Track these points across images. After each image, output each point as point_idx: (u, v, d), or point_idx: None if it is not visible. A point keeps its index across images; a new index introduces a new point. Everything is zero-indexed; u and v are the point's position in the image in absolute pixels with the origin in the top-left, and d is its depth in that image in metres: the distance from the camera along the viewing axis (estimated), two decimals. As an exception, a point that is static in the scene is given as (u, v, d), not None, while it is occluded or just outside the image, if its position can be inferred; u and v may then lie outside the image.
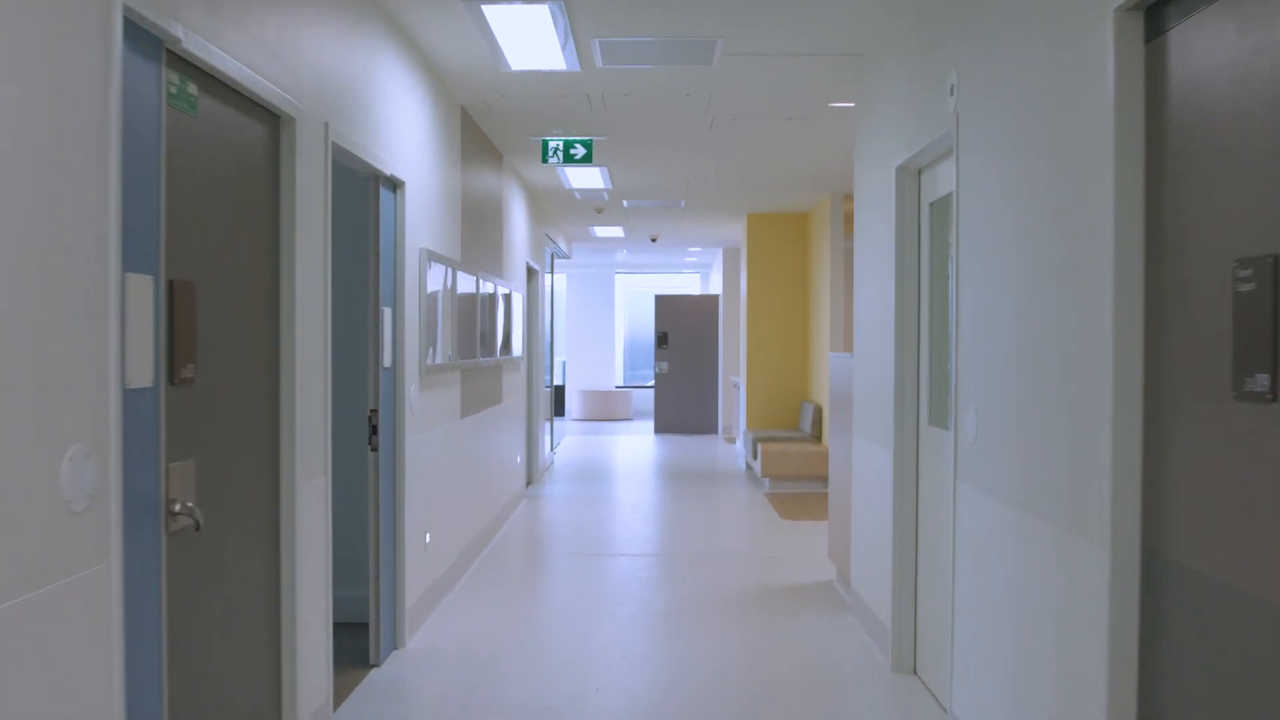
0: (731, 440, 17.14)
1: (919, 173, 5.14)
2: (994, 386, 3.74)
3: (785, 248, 13.34)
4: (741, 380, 14.11)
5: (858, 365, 6.15)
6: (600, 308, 22.41)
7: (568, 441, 17.14)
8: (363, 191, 5.34)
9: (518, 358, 10.15)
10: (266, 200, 3.76)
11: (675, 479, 12.61)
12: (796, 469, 11.52)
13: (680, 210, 13.06)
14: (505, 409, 9.49)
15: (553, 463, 14.11)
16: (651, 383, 22.51)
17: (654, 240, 16.11)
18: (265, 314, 3.75)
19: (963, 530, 4.09)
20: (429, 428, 6.22)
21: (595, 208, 12.85)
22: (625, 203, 12.22)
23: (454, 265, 6.85)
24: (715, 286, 20.35)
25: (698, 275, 22.90)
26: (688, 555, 8.20)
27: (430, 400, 6.24)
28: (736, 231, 15.32)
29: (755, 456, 12.02)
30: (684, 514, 10.21)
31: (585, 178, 10.41)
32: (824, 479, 11.56)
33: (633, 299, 23.43)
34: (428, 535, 6.19)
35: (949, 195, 4.65)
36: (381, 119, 5.24)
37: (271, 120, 3.80)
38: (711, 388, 18.54)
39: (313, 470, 4.11)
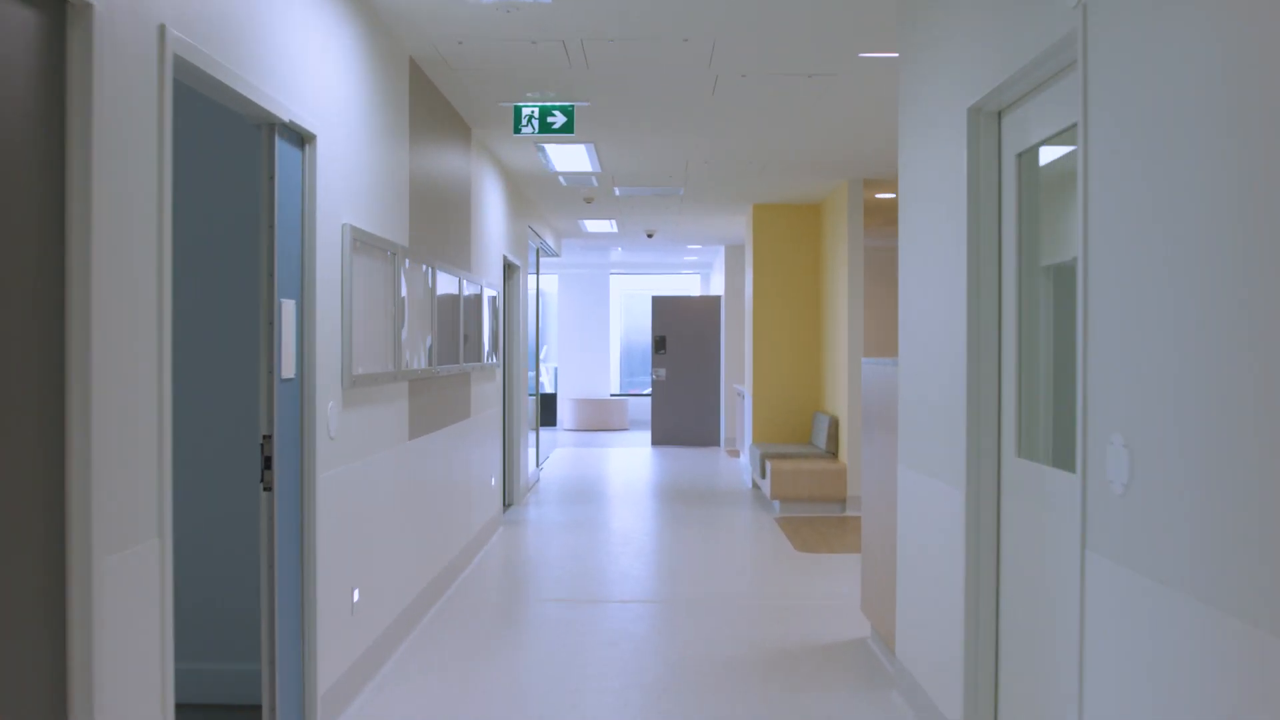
0: (735, 454, 15.81)
1: (999, 115, 3.82)
2: (1162, 412, 2.41)
3: (795, 242, 12.02)
4: (747, 389, 12.78)
5: (906, 376, 4.81)
6: (594, 311, 21.09)
7: (558, 455, 15.80)
8: (254, 143, 4.01)
9: (491, 365, 8.83)
10: (38, 131, 2.44)
11: (674, 499, 11.28)
12: (810, 490, 10.20)
13: (678, 201, 11.74)
14: (475, 424, 8.16)
15: (538, 480, 12.78)
16: (648, 391, 21.20)
17: (650, 236, 14.79)
18: (36, 306, 2.43)
19: (1100, 623, 2.76)
20: (359, 455, 4.90)
21: (584, 197, 11.53)
22: (617, 190, 10.90)
23: (398, 252, 5.52)
24: (716, 288, 19.03)
25: (697, 276, 21.59)
26: (689, 601, 6.87)
27: (360, 421, 4.91)
28: (740, 225, 14.01)
29: (763, 475, 10.70)
30: (684, 544, 8.88)
31: (570, 158, 9.09)
32: (841, 501, 10.24)
33: (629, 302, 22.12)
34: (356, 592, 4.86)
35: (1061, 135, 3.33)
36: (282, 49, 3.92)
37: (51, 5, 2.48)
38: (713, 396, 17.22)
39: (130, 535, 2.78)
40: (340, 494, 4.59)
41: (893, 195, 10.95)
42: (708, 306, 17.31)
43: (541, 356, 22.09)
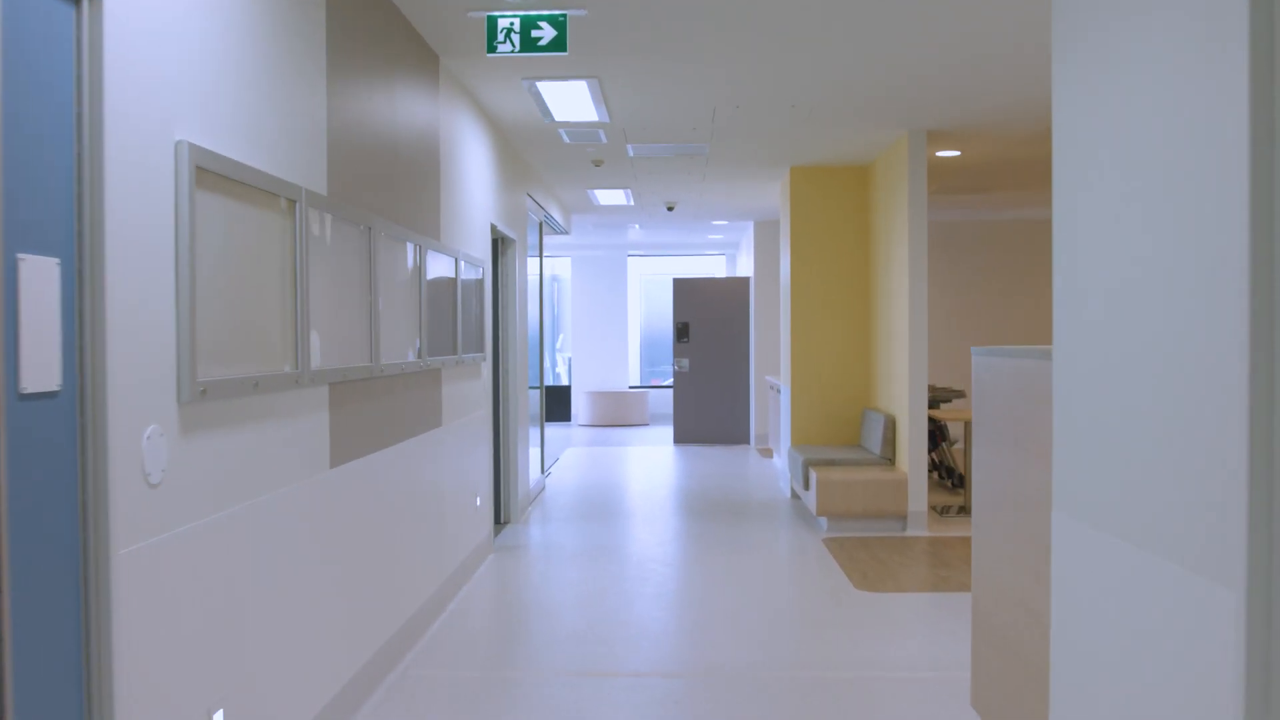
0: (768, 453, 14.08)
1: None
2: None
3: (839, 212, 10.27)
4: (783, 383, 11.04)
5: (1072, 376, 3.05)
6: (610, 296, 19.38)
7: (569, 457, 14.11)
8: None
9: (474, 359, 7.13)
10: None
11: (701, 513, 9.57)
12: (864, 505, 8.47)
13: (703, 164, 10.00)
14: (451, 433, 6.47)
15: (543, 490, 11.08)
16: (669, 382, 19.49)
17: (670, 209, 13.05)
18: None
19: None
20: (219, 505, 3.20)
21: (592, 159, 9.80)
22: (630, 149, 9.18)
23: (302, 200, 3.81)
24: (743, 272, 17.28)
25: (722, 258, 19.83)
26: (727, 676, 5.16)
27: (221, 451, 3.21)
28: (773, 195, 12.25)
29: (806, 485, 8.98)
30: (716, 580, 7.16)
31: (570, 102, 7.37)
32: (902, 518, 8.51)
33: (649, 287, 20.39)
34: (218, 716, 3.17)
35: None
36: None
37: None
38: (741, 389, 15.49)
39: None
40: (175, 574, 2.91)
41: (956, 153, 9.19)
42: (735, 289, 15.58)
43: (558, 346, 20.50)
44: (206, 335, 3.07)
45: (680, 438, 15.52)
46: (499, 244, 8.99)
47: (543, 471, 11.31)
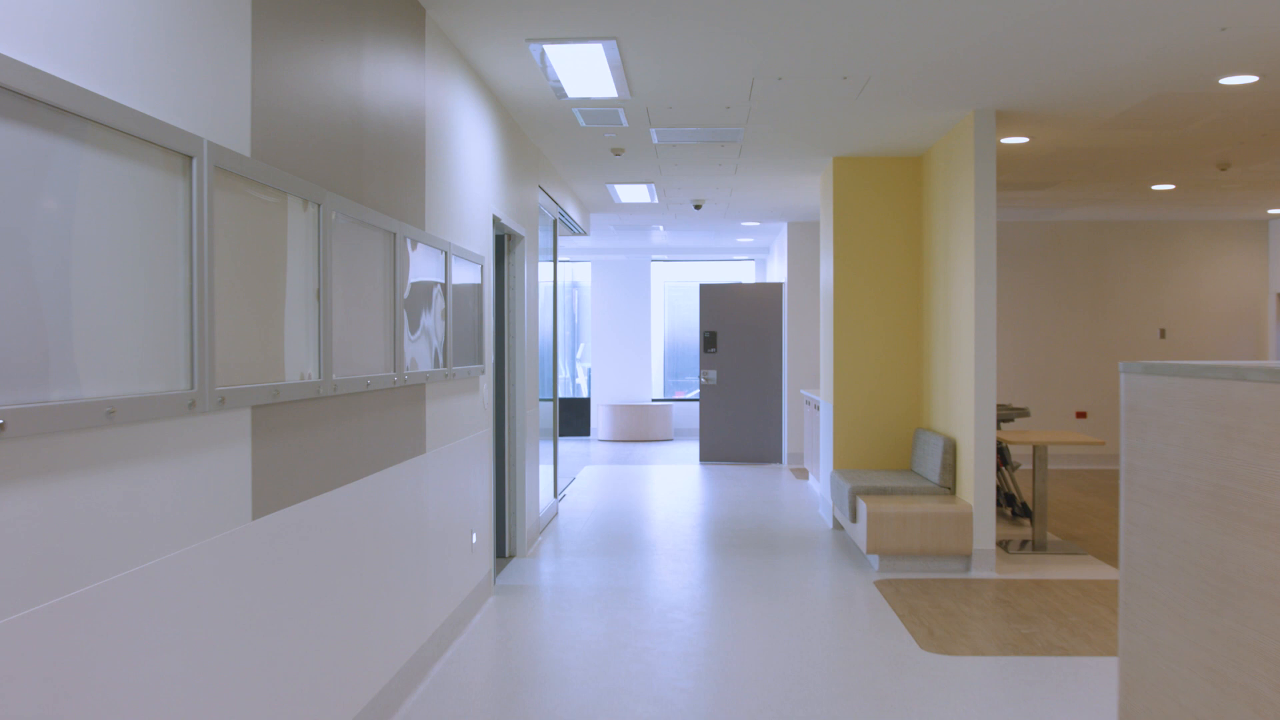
0: (802, 474, 12.96)
1: None
2: None
3: (889, 207, 9.17)
4: (823, 399, 9.94)
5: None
6: (633, 303, 18.32)
7: (587, 476, 13.03)
8: None
9: (470, 371, 6.06)
10: None
11: (732, 547, 8.47)
12: (922, 541, 7.36)
13: (736, 152, 8.92)
14: (437, 461, 5.41)
15: (555, 515, 10.01)
16: (695, 394, 18.42)
17: (698, 207, 11.98)
18: None
19: None
20: (32, 599, 2.15)
21: (612, 148, 8.74)
22: (654, 134, 8.11)
23: (200, 156, 2.76)
24: (774, 277, 16.18)
25: (751, 263, 18.73)
26: (768, 772, 4.07)
27: (37, 519, 2.16)
28: (811, 191, 11.15)
29: (854, 517, 7.87)
30: (752, 638, 6.05)
31: (585, 72, 6.31)
32: (965, 557, 7.40)
33: (673, 294, 19.32)
34: None
35: None
36: None
37: None
38: (773, 404, 14.38)
39: None
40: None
41: (1024, 139, 8.09)
42: (767, 296, 14.48)
43: (578, 356, 19.43)
44: (6, 340, 2.01)
45: (706, 455, 14.42)
46: (505, 241, 7.94)
47: (555, 495, 10.24)
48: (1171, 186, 10.80)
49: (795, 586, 7.10)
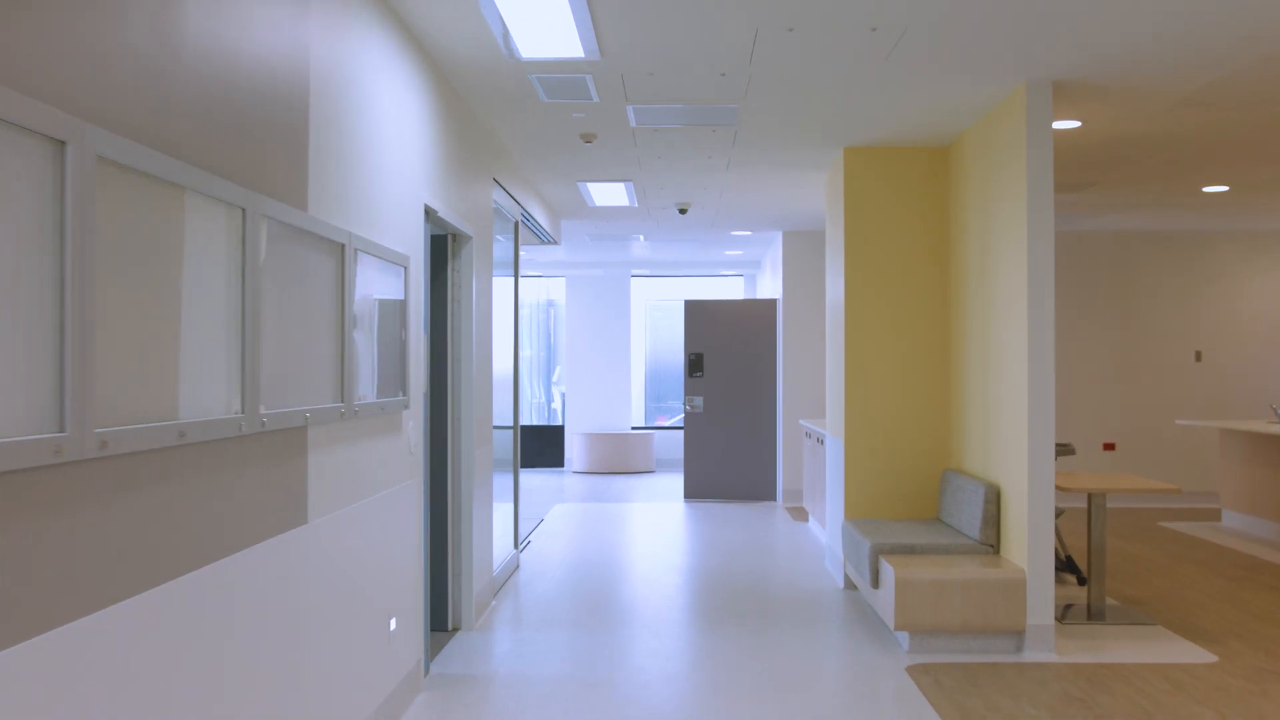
0: (800, 514, 11.50)
1: None
2: None
3: (910, 207, 7.74)
4: (830, 432, 8.49)
5: None
6: (611, 323, 16.87)
7: (557, 516, 11.53)
8: None
9: (387, 405, 4.58)
10: None
11: (725, 614, 6.99)
12: (964, 614, 5.91)
13: (730, 138, 7.50)
14: (330, 530, 3.93)
15: (517, 568, 8.52)
16: (680, 420, 16.96)
17: (683, 212, 10.55)
18: None
19: None
20: None
21: (581, 134, 7.31)
22: (631, 112, 6.68)
23: None
24: (766, 294, 14.75)
25: (740, 279, 17.31)
26: None
27: None
28: (811, 193, 9.73)
29: (876, 582, 6.41)
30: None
31: (541, 20, 4.87)
32: (1018, 634, 5.94)
33: (656, 313, 17.87)
34: None
35: None
36: None
37: None
38: (767, 434, 12.92)
39: None
40: None
41: (1076, 123, 6.73)
42: (759, 314, 13.04)
43: (554, 379, 17.93)
44: None
45: (692, 492, 12.94)
46: (449, 243, 6.48)
47: (516, 545, 8.74)
48: (1225, 188, 9.42)
49: (807, 675, 5.62)
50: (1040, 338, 5.92)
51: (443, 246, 6.47)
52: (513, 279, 8.70)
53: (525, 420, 17.30)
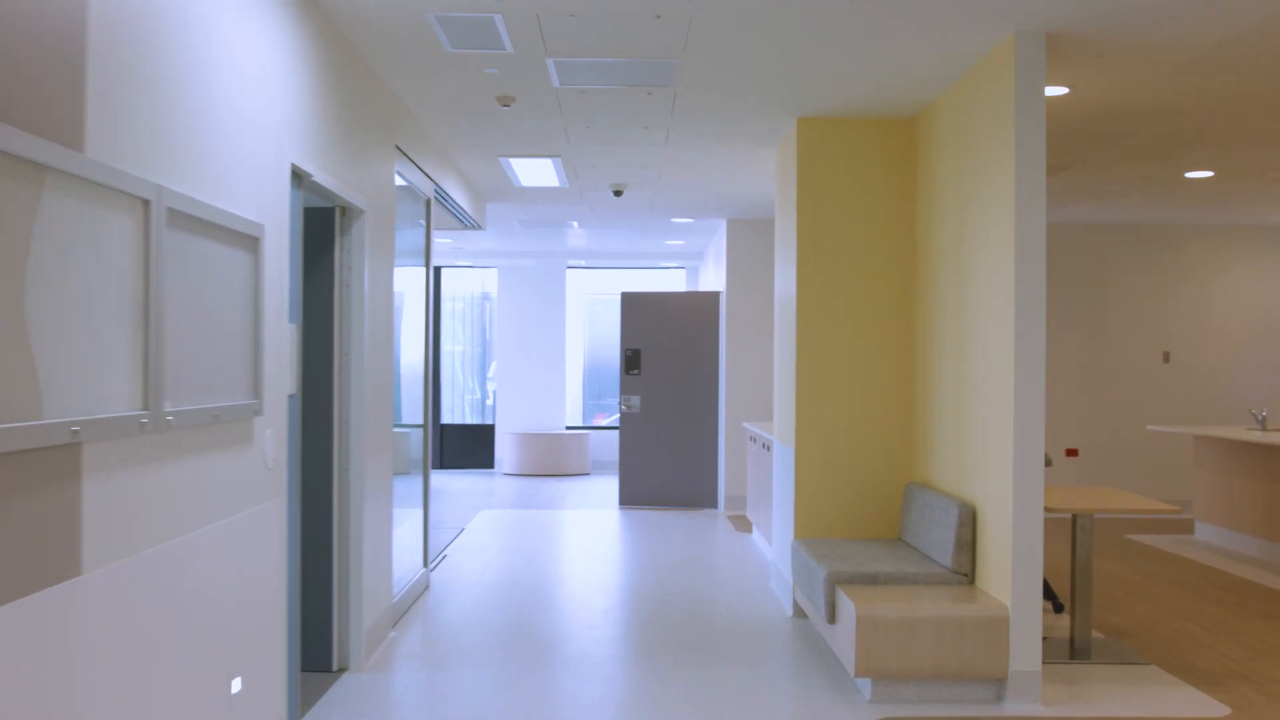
0: (743, 524, 10.61)
1: None
2: None
3: (873, 188, 6.86)
4: (779, 439, 7.60)
5: None
6: (545, 317, 15.90)
7: (481, 525, 10.55)
8: None
9: (223, 412, 3.59)
10: None
11: (661, 648, 6.07)
12: (937, 658, 5.03)
13: (669, 103, 6.57)
14: (113, 583, 2.95)
15: (427, 588, 7.55)
16: (619, 419, 16.03)
17: (618, 194, 9.60)
18: None
19: None
20: None
21: (497, 96, 6.34)
22: (552, 68, 5.73)
23: None
24: (709, 286, 13.86)
25: (683, 271, 16.42)
26: None
27: None
28: (759, 174, 8.83)
29: (832, 617, 5.52)
30: None
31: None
32: (999, 682, 5.08)
33: (596, 307, 16.91)
34: None
35: None
36: None
37: None
38: (708, 437, 12.02)
39: None
40: None
41: (1064, 90, 5.91)
42: (701, 307, 12.14)
43: (490, 375, 16.90)
44: None
45: (628, 498, 12.01)
46: (338, 217, 5.50)
47: (426, 563, 7.76)
48: (1209, 174, 8.66)
49: (753, 734, 4.72)
50: (1030, 340, 5.05)
51: (328, 221, 5.49)
52: (425, 263, 7.72)
53: (455, 419, 16.30)
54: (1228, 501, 9.34)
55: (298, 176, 4.54)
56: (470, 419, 16.42)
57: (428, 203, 7.70)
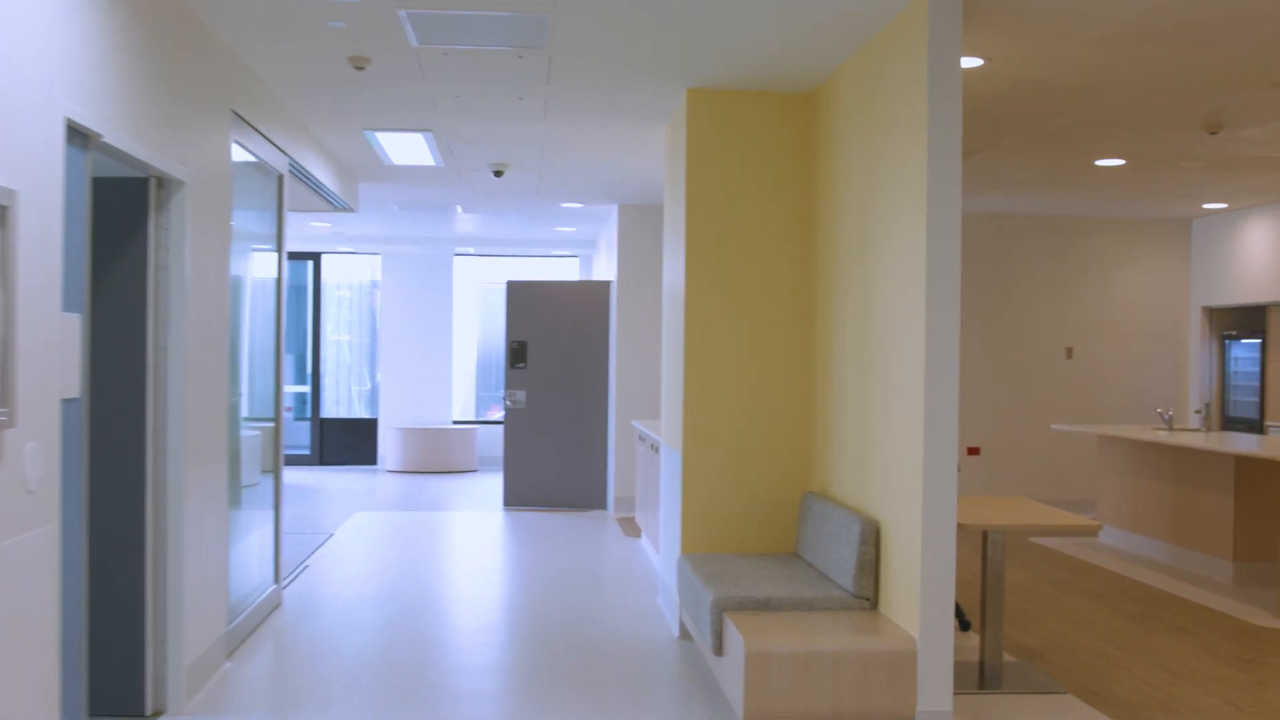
0: (632, 529, 9.98)
1: None
2: None
3: (770, 169, 6.26)
4: (667, 444, 6.98)
5: None
6: (432, 306, 15.12)
7: (355, 529, 9.76)
8: None
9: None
10: None
11: (539, 682, 5.42)
12: (836, 698, 4.45)
13: (544, 69, 5.90)
14: None
15: (279, 606, 6.78)
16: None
17: (499, 174, 8.88)
18: None
19: None
20: None
21: (350, 58, 5.60)
22: (408, 24, 5.01)
23: None
24: (603, 276, 13.21)
25: (576, 260, 15.74)
26: None
27: None
28: (651, 155, 8.20)
29: (719, 649, 4.91)
30: None
31: None
32: (906, 724, 4.52)
33: (490, 297, 16.12)
34: None
35: None
36: None
37: None
38: (598, 435, 11.37)
39: None
40: None
41: (978, 61, 5.36)
42: (592, 298, 11.47)
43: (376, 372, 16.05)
44: None
45: (513, 499, 11.31)
46: (153, 189, 4.72)
47: (278, 578, 6.99)
48: (1121, 162, 8.25)
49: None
50: (942, 339, 4.49)
51: (139, 194, 4.71)
52: (276, 247, 6.94)
53: (342, 413, 15.43)
54: (1133, 504, 8.98)
55: (81, 135, 3.77)
56: (360, 413, 15.56)
57: (280, 179, 6.91)
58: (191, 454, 4.97)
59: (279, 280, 6.96)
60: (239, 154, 5.94)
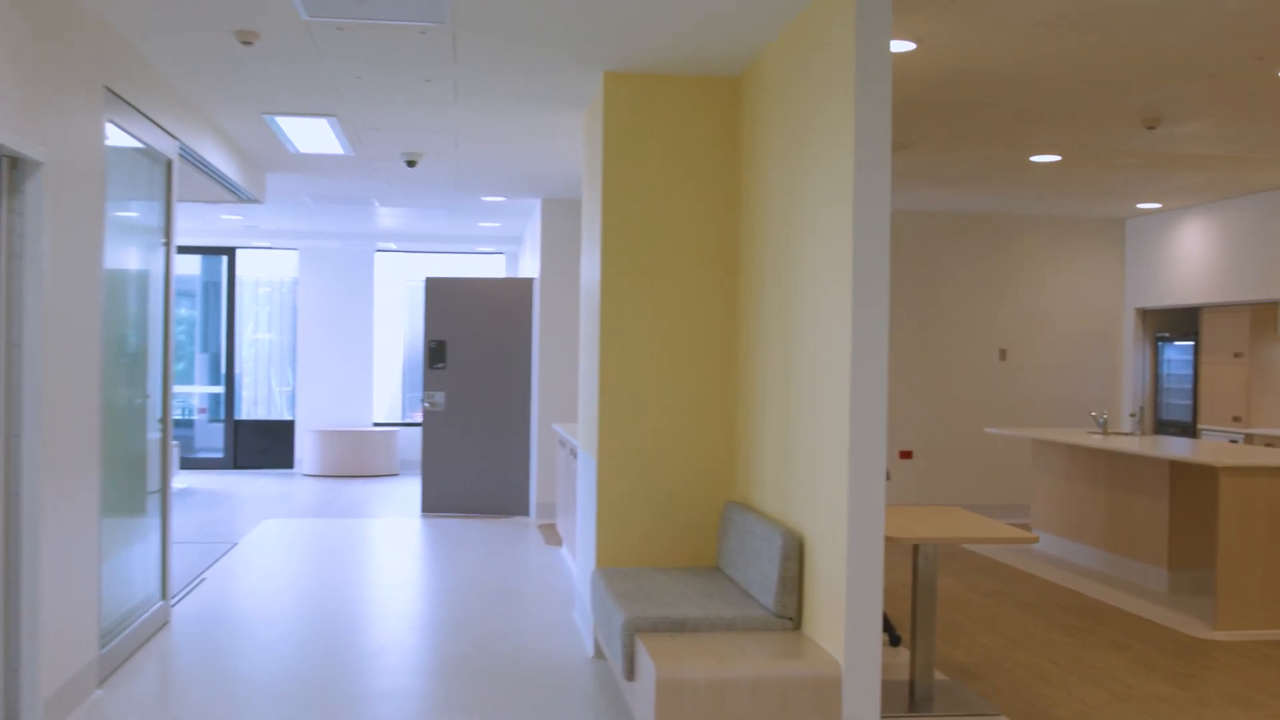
0: (553, 536, 9.59)
1: None
2: None
3: (691, 159, 5.89)
4: (584, 450, 6.60)
5: None
6: (352, 304, 14.62)
7: (262, 537, 9.27)
8: None
9: None
10: None
11: (445, 711, 5.02)
12: (754, 729, 4.10)
13: (449, 48, 5.49)
14: None
15: (165, 625, 6.30)
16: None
17: (411, 165, 8.44)
18: None
19: None
20: None
21: (236, 32, 5.16)
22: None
23: None
24: (527, 273, 12.79)
25: (502, 256, 15.32)
26: None
27: None
28: (570, 142, 7.81)
29: (631, 673, 4.53)
30: None
31: None
32: (830, 757, 4.17)
33: (417, 295, 15.60)
34: None
35: None
36: None
37: None
38: (520, 439, 10.96)
39: None
40: None
41: (911, 45, 5.06)
42: (514, 295, 11.06)
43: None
44: None
45: (431, 505, 10.86)
46: (11, 170, 4.25)
47: (166, 595, 6.51)
48: (1057, 158, 8.01)
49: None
50: (870, 338, 4.15)
51: (-14, 174, 4.24)
52: (165, 238, 6.46)
53: (257, 414, 14.86)
54: (1067, 510, 8.77)
55: (-102, 105, 3.31)
56: (284, 414, 14.99)
57: (168, 164, 6.43)
58: (51, 463, 4.51)
59: (166, 275, 6.48)
60: (119, 136, 5.47)
